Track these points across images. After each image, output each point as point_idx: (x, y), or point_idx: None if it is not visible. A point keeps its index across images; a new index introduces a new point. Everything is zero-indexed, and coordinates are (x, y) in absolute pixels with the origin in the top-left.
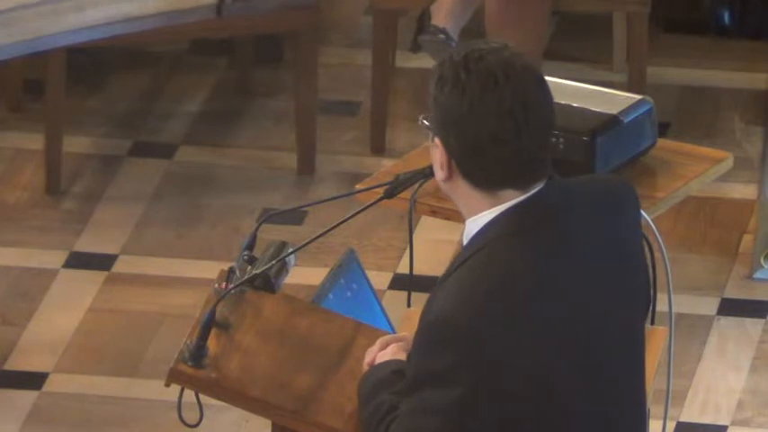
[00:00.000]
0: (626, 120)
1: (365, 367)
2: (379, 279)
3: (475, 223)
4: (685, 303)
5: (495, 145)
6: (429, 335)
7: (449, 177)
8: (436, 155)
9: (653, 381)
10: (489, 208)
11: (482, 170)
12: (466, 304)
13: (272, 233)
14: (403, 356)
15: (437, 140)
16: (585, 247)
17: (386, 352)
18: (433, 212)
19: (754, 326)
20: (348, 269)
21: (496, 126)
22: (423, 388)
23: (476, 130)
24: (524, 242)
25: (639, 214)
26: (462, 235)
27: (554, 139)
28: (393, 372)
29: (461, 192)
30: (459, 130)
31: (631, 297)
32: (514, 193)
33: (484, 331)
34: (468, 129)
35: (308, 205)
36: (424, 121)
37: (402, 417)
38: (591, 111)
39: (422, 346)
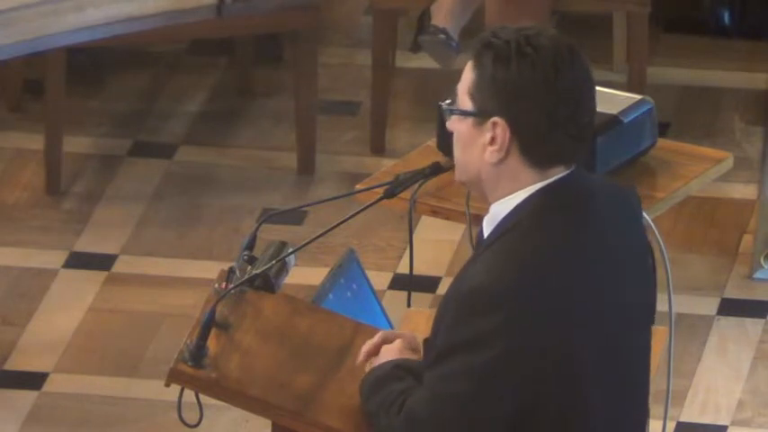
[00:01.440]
0: (626, 120)
1: (361, 357)
2: (379, 279)
3: (502, 206)
4: (685, 303)
5: (569, 118)
6: (465, 304)
7: (505, 157)
8: (484, 138)
9: (653, 381)
10: (532, 183)
11: (546, 145)
12: (503, 274)
13: (272, 233)
14: (407, 354)
15: (497, 119)
16: (612, 234)
17: (391, 348)
18: (433, 212)
19: (754, 326)
20: (348, 269)
21: (572, 98)
22: (454, 355)
23: (553, 103)
24: (558, 219)
25: (641, 212)
26: (483, 221)
27: None
28: (395, 366)
29: (511, 172)
30: (532, 105)
31: (645, 285)
32: (561, 169)
33: (521, 301)
34: (545, 102)
35: (308, 205)
36: (451, 108)
37: (427, 383)
38: None
39: (455, 316)
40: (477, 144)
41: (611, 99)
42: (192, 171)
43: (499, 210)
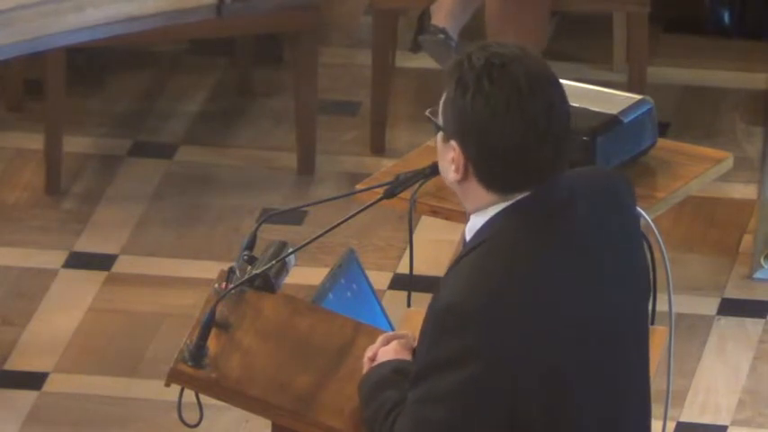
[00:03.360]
0: (626, 120)
1: (366, 362)
2: (379, 279)
3: (481, 217)
4: (685, 303)
5: (517, 154)
6: (436, 323)
7: (464, 179)
8: (449, 155)
9: (653, 381)
10: (496, 205)
11: (500, 176)
12: (473, 291)
13: (272, 233)
14: (405, 355)
15: (453, 143)
16: (591, 238)
17: (387, 349)
18: (433, 212)
19: (754, 326)
20: (348, 269)
21: (519, 136)
22: (429, 376)
23: (498, 139)
24: (531, 232)
25: (634, 203)
26: (465, 230)
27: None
28: (394, 370)
29: (473, 192)
30: (480, 138)
31: (636, 282)
32: (527, 194)
33: (493, 317)
34: (491, 137)
35: (308, 205)
36: (432, 117)
37: (408, 407)
38: (591, 111)
39: (429, 335)
40: (445, 159)
41: (611, 99)
42: (192, 171)
43: (476, 221)
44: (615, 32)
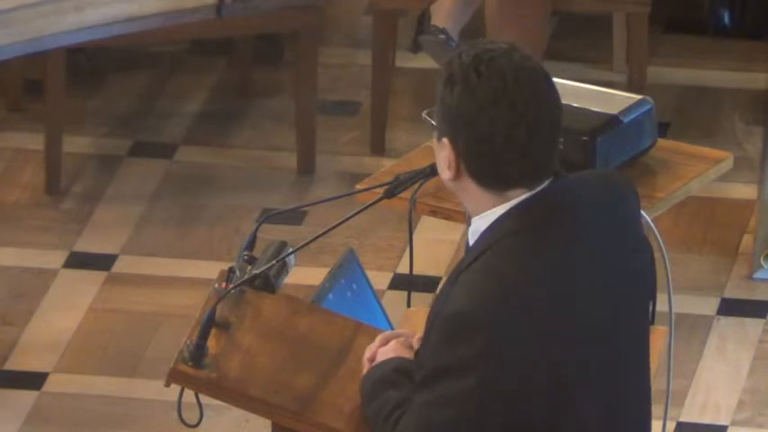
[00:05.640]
0: (626, 120)
1: (365, 362)
2: (379, 279)
3: (483, 220)
4: (685, 303)
5: (507, 147)
6: (446, 329)
7: (456, 177)
8: (442, 154)
9: (653, 381)
10: (496, 206)
11: (491, 171)
12: (482, 299)
13: (272, 233)
14: (404, 353)
15: (445, 140)
16: (594, 241)
17: (387, 349)
18: (433, 212)
19: (754, 326)
20: (348, 269)
21: (508, 129)
22: (438, 381)
23: (487, 132)
24: (535, 238)
25: (639, 208)
26: (468, 232)
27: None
28: (395, 369)
29: (468, 191)
30: (469, 133)
31: (637, 285)
32: (522, 192)
33: (502, 324)
34: (480, 131)
35: (308, 205)
36: (428, 118)
37: (414, 409)
38: (591, 111)
39: (438, 340)
40: (440, 158)
41: (611, 99)
42: (192, 171)
43: (479, 224)
44: (615, 32)
